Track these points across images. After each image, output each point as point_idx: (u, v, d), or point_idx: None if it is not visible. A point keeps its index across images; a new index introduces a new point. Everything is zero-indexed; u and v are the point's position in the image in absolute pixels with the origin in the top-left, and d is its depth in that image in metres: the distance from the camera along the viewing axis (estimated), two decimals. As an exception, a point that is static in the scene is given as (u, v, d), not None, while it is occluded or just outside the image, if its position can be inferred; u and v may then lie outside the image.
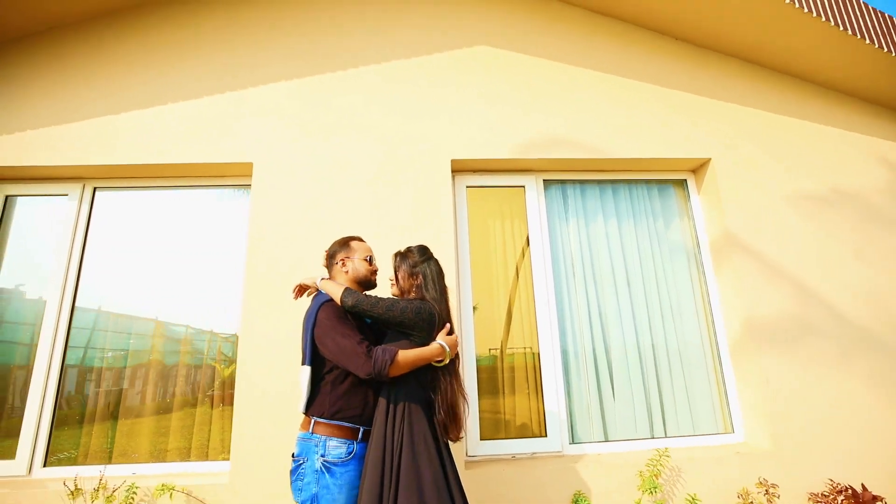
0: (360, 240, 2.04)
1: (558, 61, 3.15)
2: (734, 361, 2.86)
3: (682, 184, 3.25)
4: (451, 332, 1.80)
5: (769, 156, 3.07)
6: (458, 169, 3.01)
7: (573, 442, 2.70)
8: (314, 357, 1.72)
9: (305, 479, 1.61)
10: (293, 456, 1.71)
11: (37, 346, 2.68)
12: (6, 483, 2.42)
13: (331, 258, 1.99)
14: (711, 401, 2.89)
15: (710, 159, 3.04)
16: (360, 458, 1.65)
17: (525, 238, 3.03)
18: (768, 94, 3.20)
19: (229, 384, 2.72)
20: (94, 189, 2.97)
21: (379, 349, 1.62)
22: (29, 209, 2.98)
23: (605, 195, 3.19)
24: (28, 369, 2.69)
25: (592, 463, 2.53)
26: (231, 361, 2.78)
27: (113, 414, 2.70)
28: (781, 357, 2.71)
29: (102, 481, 2.31)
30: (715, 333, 2.96)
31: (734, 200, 2.96)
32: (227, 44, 3.06)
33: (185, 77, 2.97)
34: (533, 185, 3.09)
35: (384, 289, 2.01)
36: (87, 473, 2.39)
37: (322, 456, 1.62)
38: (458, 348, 1.78)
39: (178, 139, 2.85)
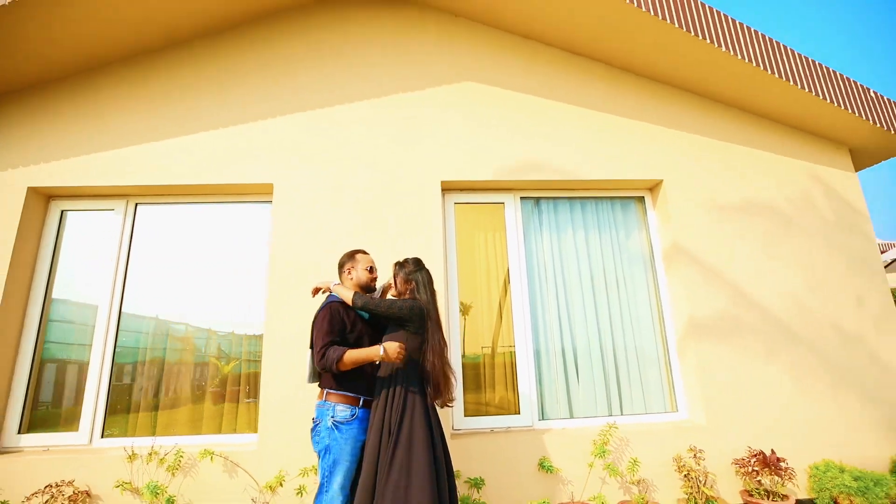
0: (365, 252, 2.55)
1: (533, 94, 3.66)
2: (679, 353, 3.39)
3: (641, 200, 3.76)
4: (438, 327, 2.32)
5: (711, 176, 3.59)
6: (448, 188, 3.52)
7: (542, 419, 3.23)
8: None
9: (321, 435, 2.14)
10: (313, 419, 2.23)
11: (90, 344, 3.19)
12: (71, 450, 2.94)
13: (340, 267, 2.51)
14: (661, 386, 3.42)
15: (662, 180, 3.56)
16: (361, 419, 2.18)
17: (505, 247, 3.54)
18: (712, 123, 3.72)
19: (254, 376, 3.24)
20: (136, 204, 3.48)
21: (332, 349, 2.12)
22: (80, 222, 3.47)
23: (575, 210, 3.71)
24: (80, 363, 3.21)
25: (557, 435, 3.05)
26: (254, 357, 3.29)
27: (155, 398, 3.21)
28: (717, 349, 3.24)
29: (154, 448, 2.82)
30: (664, 329, 3.49)
31: (681, 215, 3.48)
32: (249, 80, 3.55)
33: (214, 109, 3.47)
34: (511, 202, 3.60)
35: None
36: (139, 443, 2.91)
37: (332, 417, 2.14)
38: (400, 352, 2.15)
39: (209, 163, 3.35)
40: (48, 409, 3.14)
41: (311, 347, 2.28)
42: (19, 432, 3.01)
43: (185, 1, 3.29)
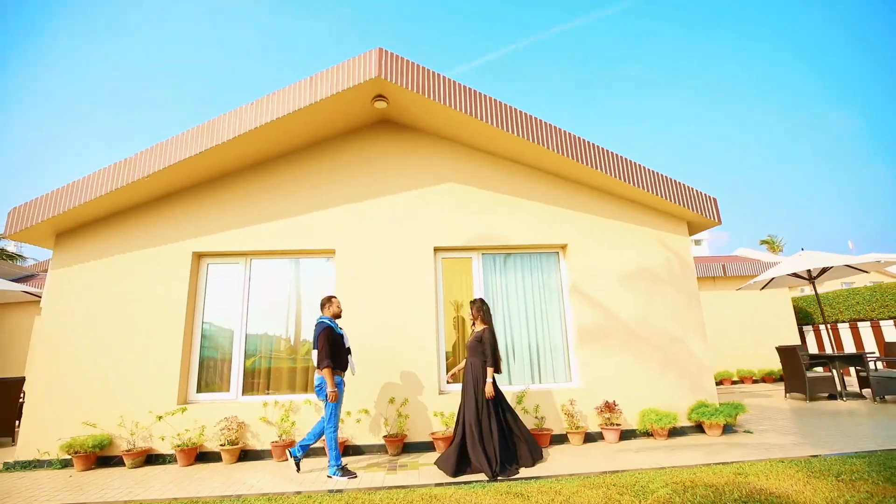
0: (335, 297, 4.71)
1: (491, 191, 5.99)
2: (575, 349, 5.75)
3: (557, 254, 6.12)
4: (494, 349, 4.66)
5: (596, 241, 5.94)
6: (438, 249, 5.86)
7: (492, 386, 5.59)
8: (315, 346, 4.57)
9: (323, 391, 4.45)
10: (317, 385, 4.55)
11: (231, 350, 5.54)
12: (227, 402, 5.28)
13: (322, 305, 4.75)
14: (564, 367, 5.79)
15: (567, 243, 5.91)
16: (339, 383, 4.44)
17: (471, 284, 5.89)
18: (599, 206, 6.06)
19: (325, 358, 5.59)
20: (251, 259, 5.82)
21: (325, 360, 4.28)
22: (218, 272, 5.81)
23: (516, 260, 6.06)
24: (222, 358, 5.55)
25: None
26: (325, 347, 5.64)
27: (267, 376, 5.56)
28: (592, 347, 5.60)
29: (276, 400, 5.18)
30: (567, 335, 5.85)
31: (577, 265, 5.83)
32: (314, 183, 5.88)
33: (296, 201, 5.79)
34: (476, 257, 5.95)
35: (346, 320, 4.91)
36: (267, 398, 5.26)
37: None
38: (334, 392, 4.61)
39: (296, 235, 5.68)
40: (210, 381, 5.50)
41: (315, 348, 4.48)
42: (197, 392, 5.37)
43: (285, 133, 5.62)
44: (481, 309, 4.70)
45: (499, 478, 3.96)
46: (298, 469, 4.39)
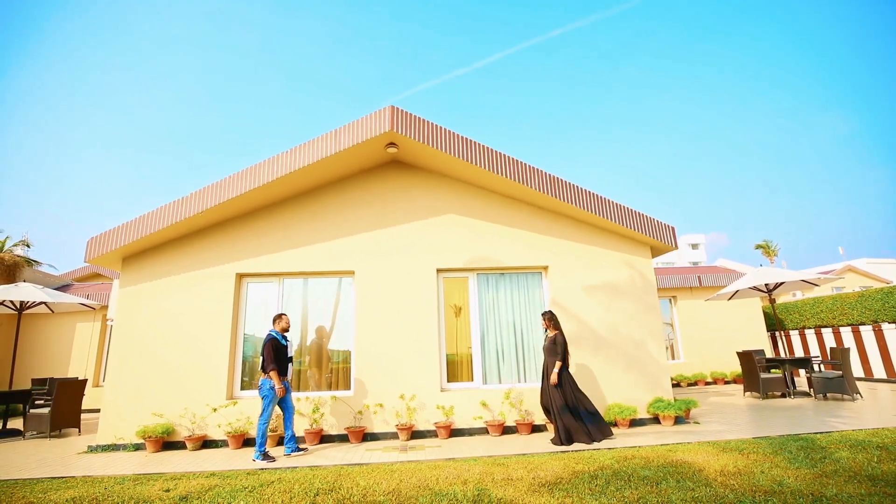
0: (285, 314, 5.89)
1: (485, 220, 7.14)
2: (554, 352, 6.88)
3: (540, 273, 7.26)
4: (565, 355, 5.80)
5: (573, 263, 7.07)
6: (440, 270, 7.01)
7: (485, 384, 6.73)
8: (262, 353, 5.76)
9: (263, 390, 5.60)
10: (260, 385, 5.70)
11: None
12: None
13: (273, 321, 5.92)
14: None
15: (548, 265, 7.05)
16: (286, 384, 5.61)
17: (468, 299, 7.03)
18: (574, 233, 7.20)
19: (345, 369, 6.73)
20: (284, 279, 6.97)
21: (269, 365, 5.46)
22: (255, 290, 6.95)
23: (505, 279, 7.20)
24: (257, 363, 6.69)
25: (491, 391, 6.54)
26: (346, 360, 6.78)
27: (298, 377, 6.70)
28: (570, 351, 6.73)
29: (307, 396, 6.31)
30: (547, 341, 6.98)
31: (557, 284, 6.97)
32: (337, 214, 7.03)
33: (322, 229, 6.94)
34: (472, 277, 7.10)
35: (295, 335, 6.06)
36: (299, 395, 6.39)
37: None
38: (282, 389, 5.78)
39: (321, 259, 6.83)
40: (250, 381, 6.63)
41: (262, 354, 5.65)
42: (241, 390, 6.52)
43: (314, 174, 6.78)
44: (552, 319, 6.05)
45: (595, 442, 5.46)
46: (302, 450, 5.58)
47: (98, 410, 9.11)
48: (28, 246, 14.26)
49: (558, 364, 5.71)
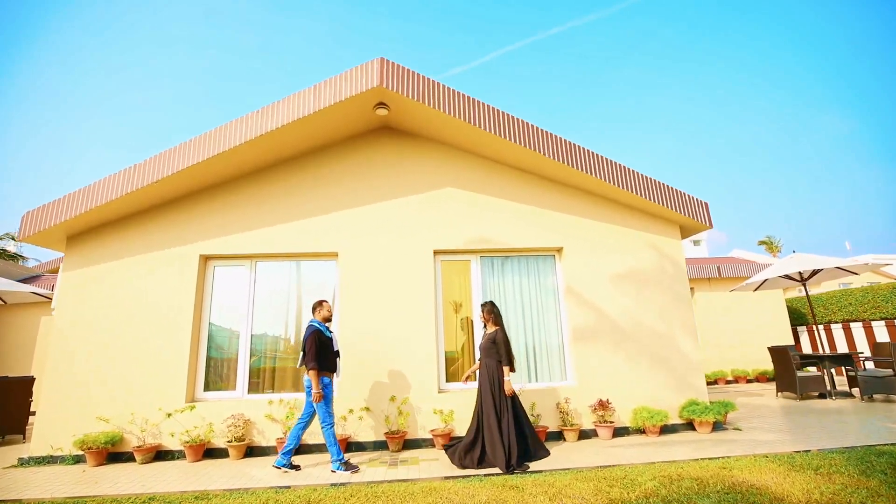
0: (326, 301, 4.93)
1: (490, 195, 6.17)
2: (570, 348, 5.93)
3: (553, 257, 6.30)
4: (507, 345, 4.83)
5: (591, 245, 6.12)
6: (437, 252, 6.04)
7: (489, 384, 5.77)
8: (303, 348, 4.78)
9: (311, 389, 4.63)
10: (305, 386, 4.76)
11: (236, 350, 5.71)
12: (233, 399, 5.46)
13: (313, 309, 4.94)
14: (560, 366, 5.97)
15: (563, 246, 6.09)
16: (328, 384, 4.61)
17: (470, 286, 6.08)
18: (592, 210, 6.24)
19: (328, 358, 5.78)
20: (257, 262, 6.00)
21: (311, 362, 4.49)
22: (223, 274, 5.98)
23: (514, 262, 6.24)
24: (230, 360, 5.72)
25: (496, 393, 5.59)
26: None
27: (272, 376, 5.74)
28: (586, 346, 5.78)
29: (280, 398, 5.35)
30: (562, 335, 6.03)
31: (573, 268, 6.01)
32: (318, 187, 6.05)
33: (301, 205, 5.97)
34: (475, 259, 6.13)
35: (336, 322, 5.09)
36: (272, 397, 5.43)
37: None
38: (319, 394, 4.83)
39: (300, 238, 5.86)
40: (216, 380, 5.67)
41: (303, 350, 4.63)
42: (204, 391, 5.55)
43: (290, 139, 5.80)
44: (492, 311, 4.92)
45: (515, 471, 4.15)
46: (295, 468, 4.49)
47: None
48: (14, 239, 13.22)
49: (507, 369, 4.63)
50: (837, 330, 11.61)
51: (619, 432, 5.51)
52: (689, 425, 5.62)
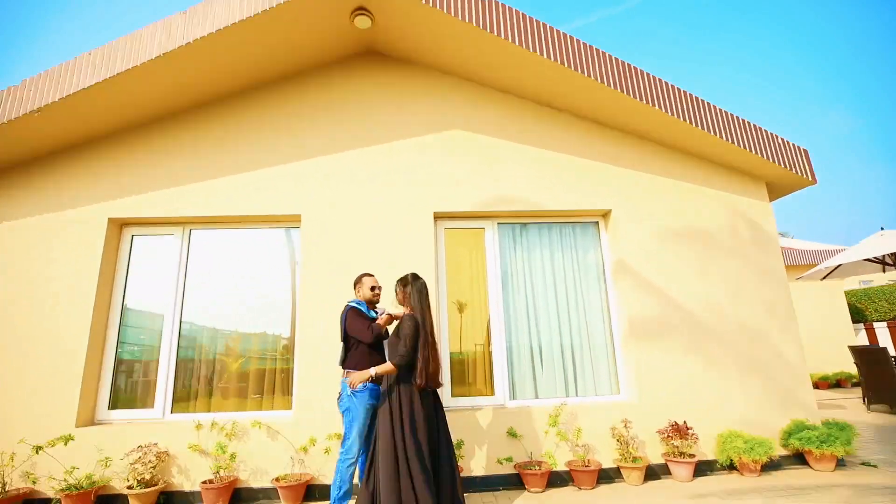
0: (370, 275, 3.42)
1: (509, 140, 4.53)
2: (622, 348, 4.28)
3: (596, 224, 4.65)
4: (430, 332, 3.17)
5: (650, 206, 4.46)
6: (439, 216, 4.40)
7: (513, 398, 4.13)
8: (345, 336, 3.15)
9: (344, 401, 3.04)
10: (339, 393, 3.13)
11: (158, 346, 4.08)
12: (150, 422, 3.83)
13: (354, 285, 3.40)
14: (608, 373, 4.32)
15: (611, 209, 4.44)
16: (371, 391, 3.05)
17: (484, 263, 4.43)
18: (651, 161, 4.59)
19: (283, 368, 4.13)
20: (191, 230, 4.36)
21: (375, 325, 3.08)
22: (146, 245, 4.36)
23: (542, 232, 4.60)
24: (149, 360, 4.09)
25: (524, 411, 3.94)
26: (285, 354, 4.19)
27: (209, 384, 4.10)
28: (649, 346, 4.13)
29: (214, 421, 3.72)
30: (611, 329, 4.38)
31: (625, 237, 4.36)
32: (275, 130, 4.42)
33: (254, 153, 4.34)
34: (490, 227, 4.49)
35: (386, 301, 3.42)
36: (201, 418, 3.80)
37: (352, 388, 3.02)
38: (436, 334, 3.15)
39: (251, 197, 4.23)
40: (127, 394, 4.04)
41: (344, 340, 3.16)
42: (109, 409, 3.92)
43: (235, 58, 4.17)
44: (411, 288, 3.12)
45: None
46: None
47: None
48: None
49: (390, 365, 2.91)
50: (881, 329, 9.90)
51: (701, 468, 3.86)
52: (799, 457, 3.96)
